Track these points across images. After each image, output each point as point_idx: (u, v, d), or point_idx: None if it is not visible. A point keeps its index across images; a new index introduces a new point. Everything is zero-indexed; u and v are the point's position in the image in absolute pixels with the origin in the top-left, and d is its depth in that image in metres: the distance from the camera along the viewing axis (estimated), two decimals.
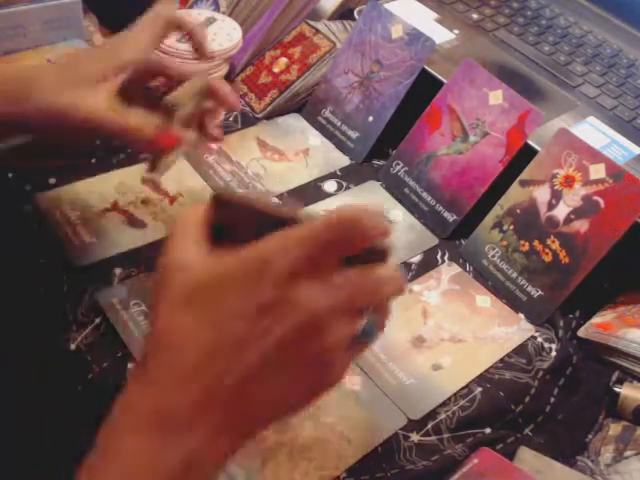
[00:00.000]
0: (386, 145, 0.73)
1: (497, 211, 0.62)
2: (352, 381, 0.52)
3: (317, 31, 0.78)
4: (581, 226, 0.58)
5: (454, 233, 0.66)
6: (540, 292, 0.59)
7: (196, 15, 0.75)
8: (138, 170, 0.61)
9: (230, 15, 0.78)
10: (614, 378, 0.57)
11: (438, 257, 0.64)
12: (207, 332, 0.32)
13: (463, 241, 0.65)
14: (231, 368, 0.32)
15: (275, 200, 0.47)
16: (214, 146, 0.70)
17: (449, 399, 0.53)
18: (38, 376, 0.54)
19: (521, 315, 0.60)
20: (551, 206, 0.60)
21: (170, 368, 0.32)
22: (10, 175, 0.64)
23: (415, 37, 0.70)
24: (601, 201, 0.57)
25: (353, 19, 0.78)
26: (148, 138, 0.49)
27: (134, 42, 0.51)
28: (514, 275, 0.61)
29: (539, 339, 0.58)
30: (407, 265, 0.63)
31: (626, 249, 0.57)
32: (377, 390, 0.52)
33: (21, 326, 0.55)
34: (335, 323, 0.33)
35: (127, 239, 0.60)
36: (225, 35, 0.73)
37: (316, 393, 0.35)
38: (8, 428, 0.56)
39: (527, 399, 0.54)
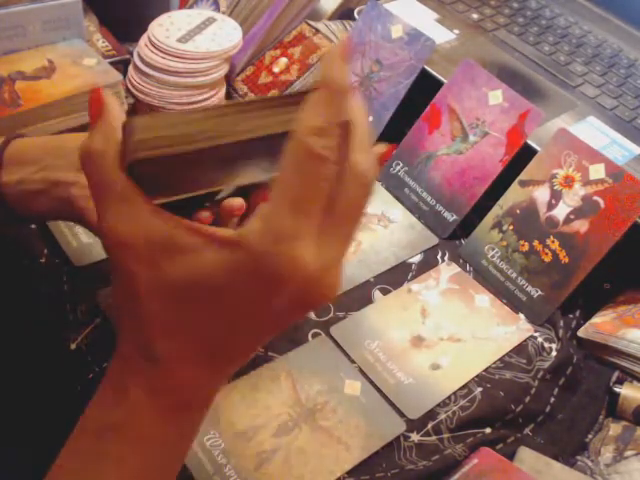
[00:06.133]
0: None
1: (497, 211, 0.62)
2: (352, 387, 0.52)
3: (317, 31, 0.78)
4: (581, 226, 0.58)
5: (454, 233, 0.66)
6: (540, 292, 0.59)
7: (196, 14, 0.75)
8: None
9: (230, 15, 0.78)
10: (614, 378, 0.57)
11: (438, 257, 0.64)
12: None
13: (463, 241, 0.65)
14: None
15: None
16: None
17: (449, 399, 0.53)
18: (38, 376, 0.54)
19: (521, 315, 0.60)
20: (551, 206, 0.60)
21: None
22: None
23: (415, 37, 0.70)
24: (601, 201, 0.57)
25: (353, 19, 0.78)
26: None
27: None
28: (514, 275, 0.61)
29: (539, 339, 0.58)
30: (407, 265, 0.63)
31: (626, 249, 0.57)
32: (376, 396, 0.52)
33: (21, 326, 0.55)
34: None
35: None
36: (225, 35, 0.73)
37: None
38: (8, 428, 0.56)
39: (527, 399, 0.54)
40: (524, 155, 0.62)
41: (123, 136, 0.30)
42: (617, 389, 0.54)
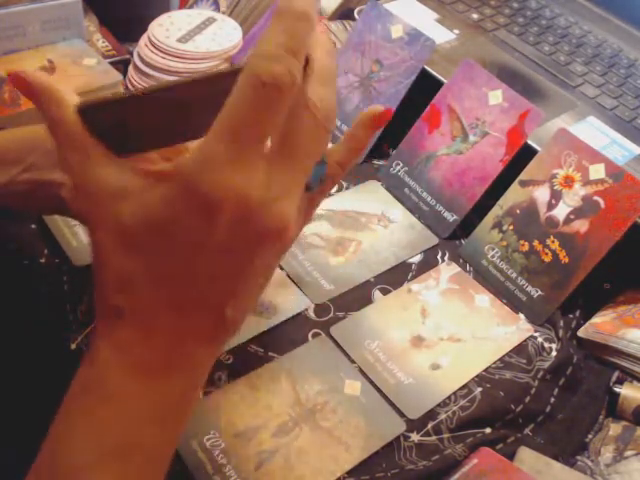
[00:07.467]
0: (386, 145, 0.73)
1: (497, 211, 0.62)
2: (352, 387, 0.52)
3: None
4: (581, 226, 0.58)
5: (454, 233, 0.66)
6: (540, 292, 0.59)
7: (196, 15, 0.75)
8: None
9: (230, 15, 0.78)
10: (614, 378, 0.57)
11: (438, 257, 0.64)
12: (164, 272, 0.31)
13: (463, 241, 0.65)
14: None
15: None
16: None
17: (449, 399, 0.53)
18: (38, 376, 0.54)
19: (521, 315, 0.60)
20: (551, 206, 0.60)
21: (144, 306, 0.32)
22: None
23: (415, 37, 0.70)
24: (601, 201, 0.57)
25: (353, 19, 0.78)
26: None
27: None
28: (514, 275, 0.61)
29: (539, 339, 0.58)
30: (407, 265, 0.63)
31: (626, 249, 0.57)
32: (377, 396, 0.52)
33: (21, 326, 0.55)
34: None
35: None
36: (225, 35, 0.73)
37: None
38: (8, 428, 0.56)
39: (527, 399, 0.54)
40: (524, 155, 0.62)
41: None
42: (617, 389, 0.55)
